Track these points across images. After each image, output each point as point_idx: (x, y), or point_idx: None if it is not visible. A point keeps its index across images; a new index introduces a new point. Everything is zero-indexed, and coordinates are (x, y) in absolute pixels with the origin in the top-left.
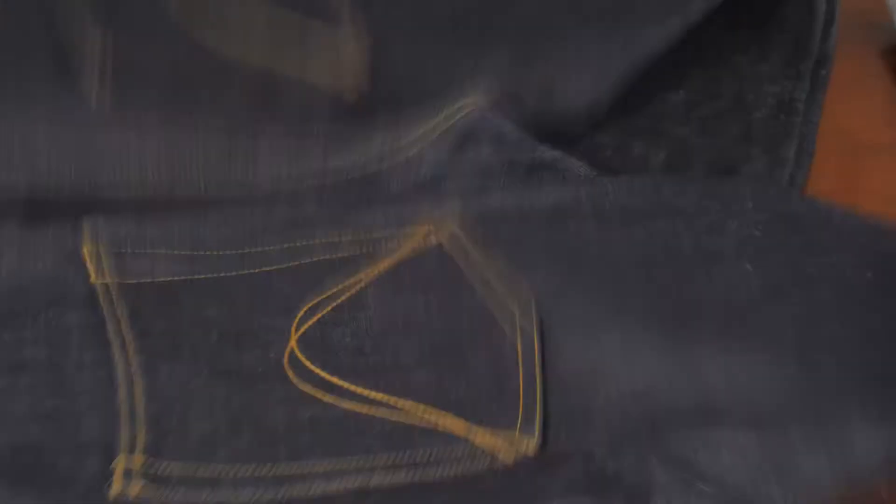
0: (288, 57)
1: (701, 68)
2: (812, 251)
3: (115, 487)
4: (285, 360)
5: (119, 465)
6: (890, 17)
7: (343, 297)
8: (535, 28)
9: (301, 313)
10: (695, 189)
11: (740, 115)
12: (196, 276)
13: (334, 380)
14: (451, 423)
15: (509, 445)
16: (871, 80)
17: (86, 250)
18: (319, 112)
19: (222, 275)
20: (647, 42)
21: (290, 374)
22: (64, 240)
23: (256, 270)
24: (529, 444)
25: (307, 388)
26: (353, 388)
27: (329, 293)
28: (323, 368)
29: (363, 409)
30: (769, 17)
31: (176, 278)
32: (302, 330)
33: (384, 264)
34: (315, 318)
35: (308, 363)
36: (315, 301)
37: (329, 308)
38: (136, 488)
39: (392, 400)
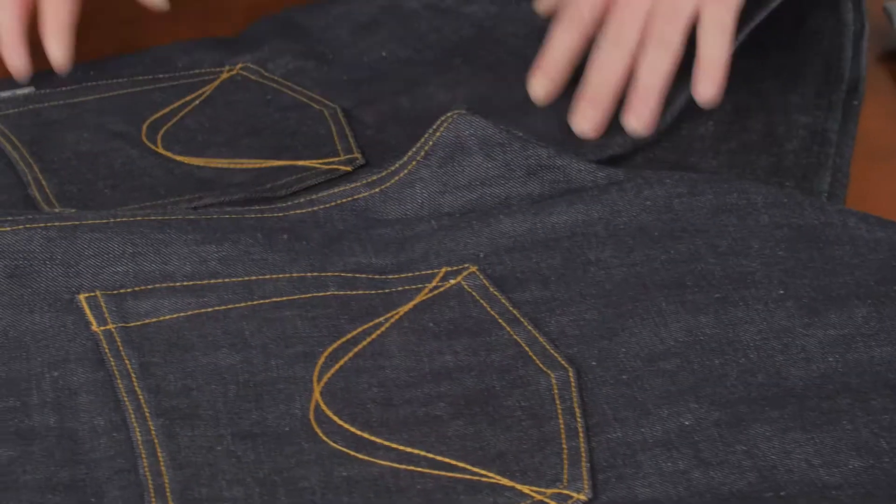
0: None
1: (730, 98)
2: (835, 271)
3: None
4: (311, 415)
5: None
6: (888, 21)
7: (364, 343)
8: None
9: (321, 360)
10: (706, 202)
11: (771, 148)
12: (203, 310)
13: (365, 435)
14: (494, 480)
15: (559, 502)
16: (872, 84)
17: (82, 297)
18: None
19: (230, 306)
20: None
21: (318, 430)
22: (58, 288)
23: (266, 301)
24: (579, 497)
25: (338, 445)
26: (387, 443)
27: (348, 337)
28: (352, 423)
29: (401, 465)
30: (798, 37)
31: (181, 314)
32: (324, 380)
33: (403, 308)
34: (337, 366)
35: (336, 418)
36: (334, 346)
37: (350, 354)
38: None
39: (430, 455)
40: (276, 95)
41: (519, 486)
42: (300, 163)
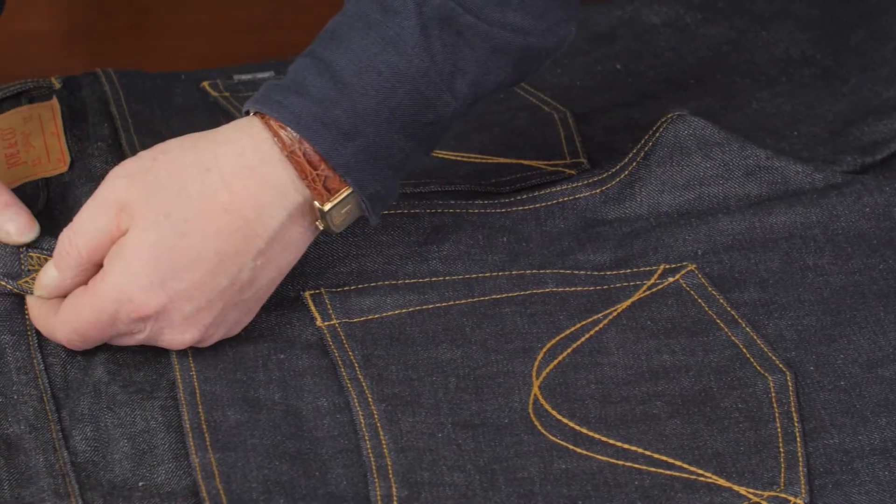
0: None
1: None
2: None
3: None
4: (530, 408)
5: None
6: None
7: (582, 339)
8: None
9: (540, 356)
10: None
11: None
12: (424, 307)
13: (584, 430)
14: (711, 480)
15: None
16: None
17: (308, 295)
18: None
19: (451, 303)
20: None
21: (537, 423)
22: (284, 288)
23: (486, 298)
24: (796, 501)
25: (557, 438)
26: (605, 439)
27: (566, 333)
28: (570, 418)
29: (619, 461)
30: None
31: (403, 311)
32: (543, 375)
33: (621, 305)
34: (555, 362)
35: (555, 413)
36: (553, 342)
37: (569, 350)
38: None
39: (648, 453)
40: (509, 94)
41: (736, 488)
42: (527, 162)
